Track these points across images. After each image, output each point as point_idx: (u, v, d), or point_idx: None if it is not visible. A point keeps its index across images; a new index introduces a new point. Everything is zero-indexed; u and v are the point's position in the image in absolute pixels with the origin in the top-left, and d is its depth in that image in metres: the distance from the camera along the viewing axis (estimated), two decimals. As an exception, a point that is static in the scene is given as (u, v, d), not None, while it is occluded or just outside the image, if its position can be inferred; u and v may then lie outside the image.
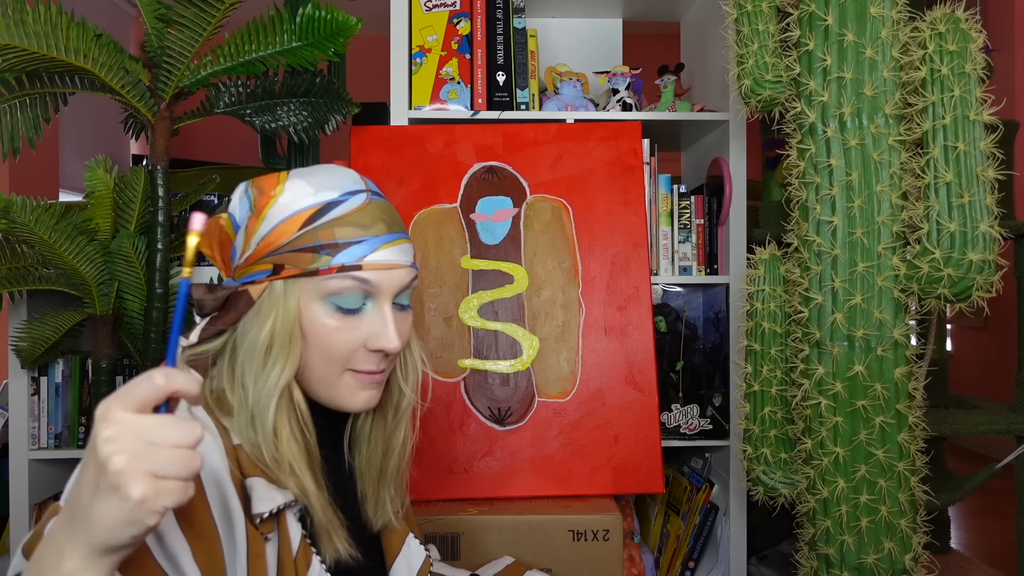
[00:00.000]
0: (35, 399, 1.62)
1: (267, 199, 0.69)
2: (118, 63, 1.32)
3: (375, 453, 0.80)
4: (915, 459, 1.14)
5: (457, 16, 1.67)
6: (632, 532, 1.59)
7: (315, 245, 0.67)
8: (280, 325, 0.67)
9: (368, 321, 0.70)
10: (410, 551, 0.84)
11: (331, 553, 0.69)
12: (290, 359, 0.68)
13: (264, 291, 0.68)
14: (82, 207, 1.49)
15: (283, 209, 0.68)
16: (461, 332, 1.49)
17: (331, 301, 0.68)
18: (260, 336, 0.67)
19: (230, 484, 0.63)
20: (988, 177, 1.05)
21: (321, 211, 0.68)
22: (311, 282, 0.68)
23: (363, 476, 0.80)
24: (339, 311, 0.69)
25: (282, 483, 0.67)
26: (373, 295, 0.70)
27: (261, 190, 0.70)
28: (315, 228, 0.68)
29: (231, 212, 0.71)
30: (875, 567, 1.13)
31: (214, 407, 0.68)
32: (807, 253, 1.18)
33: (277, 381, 0.67)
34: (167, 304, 1.42)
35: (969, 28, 1.06)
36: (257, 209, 0.69)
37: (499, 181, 1.56)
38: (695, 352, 1.76)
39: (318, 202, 0.68)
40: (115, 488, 0.43)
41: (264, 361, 0.67)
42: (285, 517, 0.67)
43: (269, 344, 0.67)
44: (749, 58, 1.23)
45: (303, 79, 1.47)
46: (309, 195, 0.69)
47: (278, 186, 0.70)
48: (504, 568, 1.04)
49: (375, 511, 0.81)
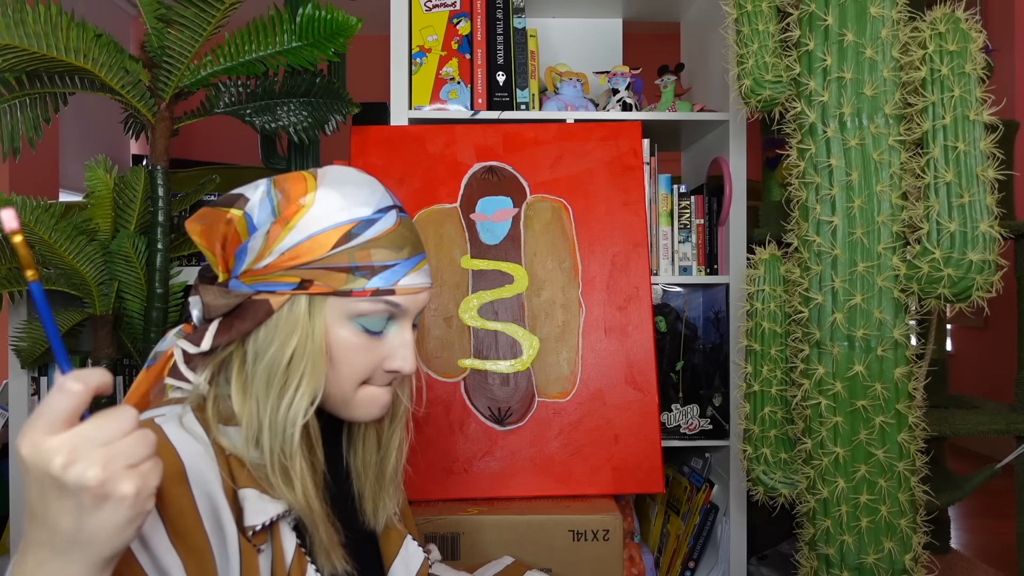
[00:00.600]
0: (35, 399, 1.62)
1: (296, 208, 0.66)
2: (118, 63, 1.32)
3: (370, 453, 0.80)
4: (915, 459, 1.14)
5: (457, 16, 1.67)
6: (632, 532, 1.59)
7: (351, 266, 0.66)
8: (308, 344, 0.66)
9: (389, 343, 0.70)
10: (408, 553, 0.84)
11: (328, 568, 0.69)
12: (315, 379, 0.67)
13: (286, 303, 0.66)
14: (82, 207, 1.49)
15: (315, 222, 0.66)
16: (461, 332, 1.49)
17: (358, 322, 0.68)
18: (284, 353, 0.66)
19: (222, 496, 0.62)
20: (988, 177, 1.05)
21: (356, 229, 0.67)
22: (340, 302, 0.67)
23: (360, 475, 0.80)
24: (364, 332, 0.68)
25: (277, 494, 0.66)
26: (397, 317, 0.70)
27: (287, 197, 0.67)
28: (351, 248, 0.66)
29: (247, 212, 0.67)
30: (875, 567, 1.13)
31: (210, 414, 0.66)
32: (807, 253, 1.18)
33: (303, 404, 0.66)
34: (167, 304, 1.42)
35: (969, 28, 1.06)
36: (284, 217, 0.66)
37: (499, 181, 1.56)
38: (695, 352, 1.76)
39: (352, 218, 0.67)
40: (104, 498, 0.43)
41: (285, 378, 0.66)
42: (279, 528, 0.66)
43: (291, 361, 0.66)
44: (749, 58, 1.23)
45: (303, 79, 1.47)
46: (342, 209, 0.67)
47: (307, 195, 0.67)
48: (504, 568, 1.04)
49: (374, 510, 0.80)
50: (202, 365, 0.69)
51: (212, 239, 0.68)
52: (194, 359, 0.69)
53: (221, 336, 0.67)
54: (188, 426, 0.64)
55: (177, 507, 0.59)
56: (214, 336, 0.68)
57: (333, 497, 0.75)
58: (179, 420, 0.64)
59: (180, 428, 0.63)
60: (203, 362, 0.69)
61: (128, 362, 1.63)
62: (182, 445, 0.61)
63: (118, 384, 1.62)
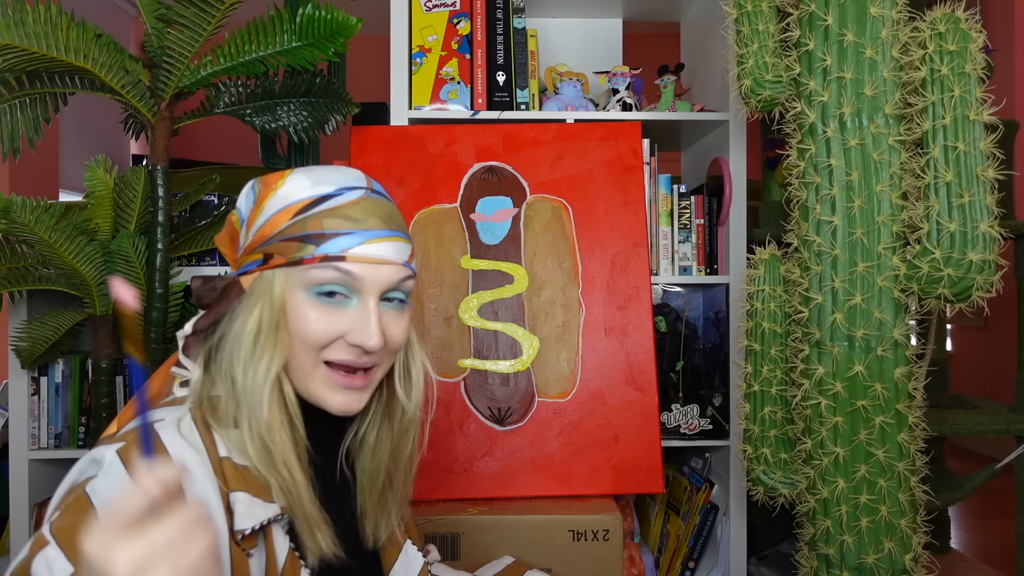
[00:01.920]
0: (35, 399, 1.62)
1: (268, 192, 0.71)
2: (118, 63, 1.32)
3: (379, 466, 0.78)
4: (915, 459, 1.14)
5: (457, 16, 1.67)
6: (632, 532, 1.59)
7: (302, 235, 0.68)
8: (267, 314, 0.67)
9: (351, 315, 0.68)
10: (408, 559, 0.83)
11: (314, 551, 0.67)
12: (278, 348, 0.67)
13: (255, 281, 0.69)
14: (82, 207, 1.49)
15: (280, 200, 0.70)
16: (461, 332, 1.49)
17: (313, 291, 0.68)
18: (247, 324, 0.67)
19: (218, 503, 0.62)
20: (988, 177, 1.05)
21: (314, 203, 0.69)
22: (296, 271, 0.68)
23: (364, 491, 0.78)
24: (322, 302, 0.68)
25: (267, 484, 0.66)
26: (358, 290, 0.68)
27: (265, 184, 0.72)
28: (304, 218, 0.68)
29: (238, 207, 0.74)
30: (875, 567, 1.13)
31: (208, 414, 0.67)
32: (807, 253, 1.18)
33: (267, 371, 0.67)
34: (167, 304, 1.42)
35: (969, 28, 1.06)
36: (258, 201, 0.71)
37: (499, 181, 1.56)
38: (695, 352, 1.76)
39: (313, 195, 0.69)
40: None
41: (252, 350, 0.67)
42: (271, 532, 0.66)
43: (256, 332, 0.67)
44: (749, 58, 1.23)
45: (303, 79, 1.47)
46: (307, 188, 0.70)
47: (280, 180, 0.71)
48: (504, 568, 1.04)
49: (375, 527, 0.78)
50: (195, 351, 0.72)
51: (223, 242, 0.76)
52: (190, 345, 0.73)
53: (202, 320, 0.71)
54: (185, 432, 0.64)
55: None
56: (196, 320, 0.72)
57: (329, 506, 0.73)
58: (177, 426, 0.64)
59: (178, 435, 0.63)
60: (195, 348, 0.72)
61: (128, 362, 1.63)
62: (178, 454, 0.62)
63: (118, 384, 1.62)
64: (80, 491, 0.58)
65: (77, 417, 1.63)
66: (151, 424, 0.62)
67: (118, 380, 1.62)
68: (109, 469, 0.59)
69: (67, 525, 0.55)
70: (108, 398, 1.45)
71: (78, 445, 1.63)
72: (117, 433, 0.65)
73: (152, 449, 0.46)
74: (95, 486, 0.58)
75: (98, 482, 0.58)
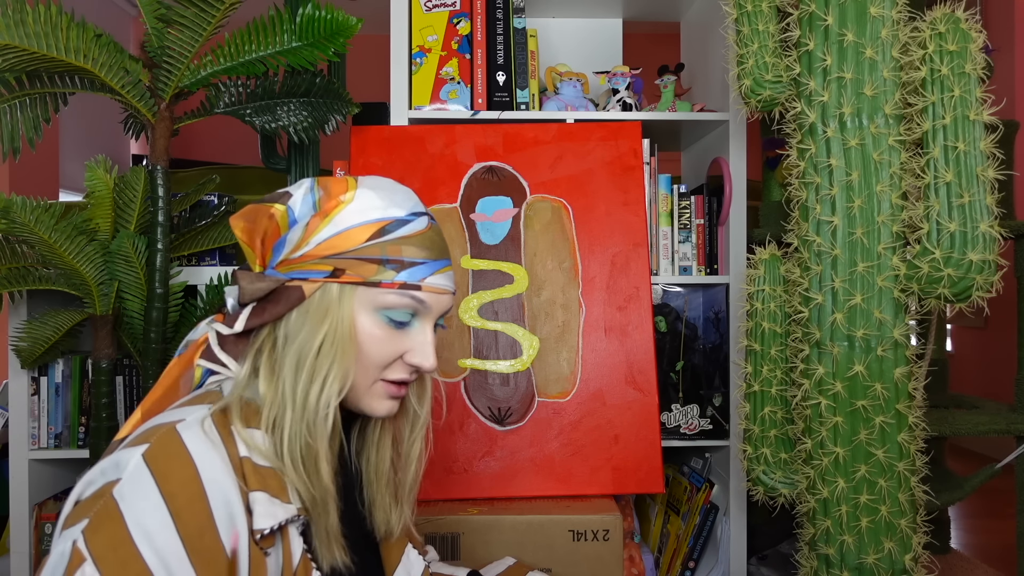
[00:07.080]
0: (35, 399, 1.62)
1: (336, 203, 0.71)
2: (118, 63, 1.32)
3: (384, 461, 0.81)
4: (915, 459, 1.14)
5: (457, 16, 1.67)
6: (632, 532, 1.59)
7: (382, 258, 0.70)
8: (338, 330, 0.69)
9: (412, 337, 0.73)
10: (409, 561, 0.85)
11: (328, 559, 0.69)
12: (345, 365, 0.69)
13: (317, 290, 0.70)
14: (82, 207, 1.49)
15: (353, 216, 0.71)
16: (461, 332, 1.49)
17: (383, 313, 0.71)
18: (315, 338, 0.68)
19: (239, 502, 0.62)
20: (988, 177, 1.05)
21: (389, 226, 0.71)
22: (368, 292, 0.70)
23: (372, 483, 0.81)
24: (388, 323, 0.71)
25: (284, 485, 0.66)
26: (421, 315, 0.73)
27: (328, 193, 0.72)
28: (383, 242, 0.70)
29: (290, 206, 0.72)
30: (875, 567, 1.13)
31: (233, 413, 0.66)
32: (807, 253, 1.19)
33: (333, 387, 0.68)
34: (167, 304, 1.42)
35: (969, 28, 1.06)
36: (323, 210, 0.71)
37: (499, 181, 1.56)
38: (695, 352, 1.76)
39: (387, 217, 0.71)
40: None
41: (315, 363, 0.68)
42: (287, 532, 0.67)
43: (321, 347, 0.68)
44: (749, 58, 1.23)
45: (303, 79, 1.47)
46: (379, 208, 0.71)
47: (348, 192, 0.72)
48: (506, 569, 1.04)
49: (385, 518, 0.81)
50: (235, 350, 0.72)
51: (253, 234, 0.73)
52: (227, 342, 0.72)
53: (254, 319, 0.71)
54: (207, 431, 0.64)
55: (196, 525, 0.59)
56: (247, 319, 0.71)
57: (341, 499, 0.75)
58: (200, 425, 0.63)
59: (201, 435, 0.63)
60: (236, 346, 0.72)
61: (128, 362, 1.63)
62: (201, 456, 0.61)
63: (118, 384, 1.62)
64: (108, 496, 0.58)
65: (77, 417, 1.64)
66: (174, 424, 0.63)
67: (118, 380, 1.62)
68: (136, 473, 0.59)
69: (102, 540, 0.56)
70: (108, 398, 1.45)
71: (78, 445, 1.63)
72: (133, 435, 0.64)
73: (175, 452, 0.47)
74: (122, 491, 0.58)
75: (125, 487, 0.58)
